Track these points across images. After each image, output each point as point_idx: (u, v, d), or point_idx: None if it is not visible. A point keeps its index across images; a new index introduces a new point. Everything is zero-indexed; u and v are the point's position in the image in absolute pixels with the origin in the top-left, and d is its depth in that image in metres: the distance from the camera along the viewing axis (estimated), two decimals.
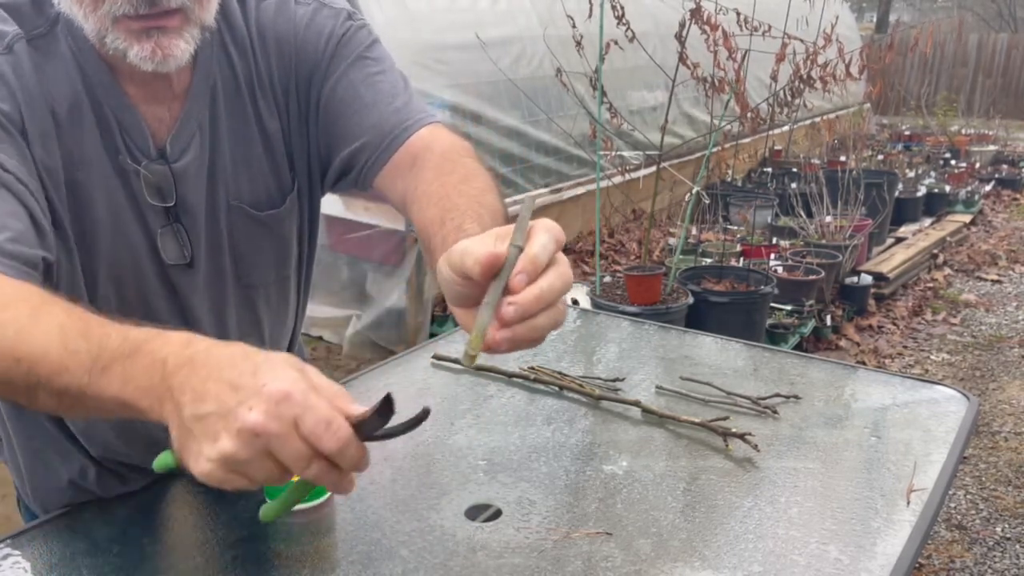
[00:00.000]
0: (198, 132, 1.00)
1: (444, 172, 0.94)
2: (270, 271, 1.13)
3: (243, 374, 0.63)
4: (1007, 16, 19.19)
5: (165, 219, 1.00)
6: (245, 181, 1.05)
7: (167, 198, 0.98)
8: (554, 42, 4.36)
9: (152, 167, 0.96)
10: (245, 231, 1.07)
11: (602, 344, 1.79)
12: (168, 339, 0.68)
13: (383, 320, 3.97)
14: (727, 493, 1.17)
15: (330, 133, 1.06)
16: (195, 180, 1.00)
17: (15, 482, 1.28)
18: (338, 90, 1.04)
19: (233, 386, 0.62)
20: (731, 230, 5.05)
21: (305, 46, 1.04)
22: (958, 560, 2.59)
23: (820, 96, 5.33)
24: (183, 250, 1.01)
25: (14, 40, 0.86)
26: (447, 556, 1.03)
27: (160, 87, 0.95)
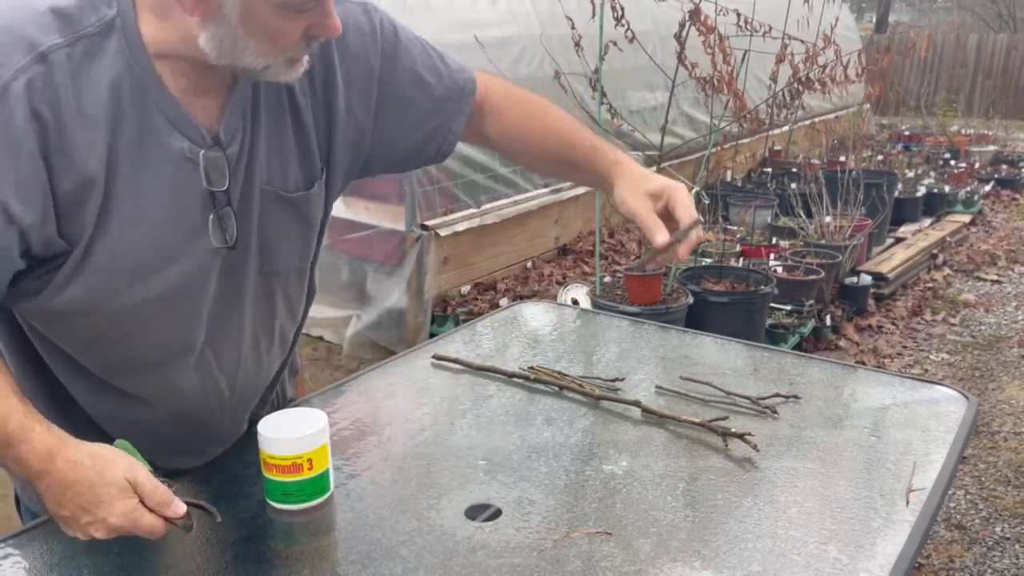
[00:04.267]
0: (243, 119, 1.04)
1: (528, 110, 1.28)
2: (293, 259, 1.17)
3: (90, 504, 0.92)
4: (1007, 16, 19.19)
5: (217, 204, 1.04)
6: (277, 166, 1.09)
7: (220, 183, 1.03)
8: (554, 42, 4.36)
9: (209, 155, 1.00)
10: (274, 215, 1.11)
11: (602, 344, 1.79)
12: (33, 446, 0.91)
13: (383, 320, 3.98)
14: (727, 493, 1.17)
15: (388, 126, 1.16)
16: (237, 166, 1.05)
17: (15, 485, 1.28)
18: (387, 88, 1.14)
19: (84, 510, 0.93)
20: (731, 230, 5.05)
21: (345, 40, 1.09)
22: (958, 560, 2.59)
23: (820, 97, 5.34)
24: (226, 234, 1.06)
25: (50, 50, 0.88)
26: (447, 556, 1.03)
27: (209, 80, 0.99)
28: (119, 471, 0.94)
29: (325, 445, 1.13)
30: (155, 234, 1.00)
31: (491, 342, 1.77)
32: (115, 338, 1.06)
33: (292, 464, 1.10)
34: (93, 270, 0.97)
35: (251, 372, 1.23)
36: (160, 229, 1.00)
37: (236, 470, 1.24)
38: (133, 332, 1.06)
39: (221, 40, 0.93)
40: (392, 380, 1.58)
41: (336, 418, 1.39)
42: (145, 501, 0.95)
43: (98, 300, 1.00)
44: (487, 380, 1.56)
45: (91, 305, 1.00)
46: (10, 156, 0.87)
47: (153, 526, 0.95)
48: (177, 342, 1.11)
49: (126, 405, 1.14)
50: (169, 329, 1.09)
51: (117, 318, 1.03)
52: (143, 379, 1.12)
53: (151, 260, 1.01)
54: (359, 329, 4.01)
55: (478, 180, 4.36)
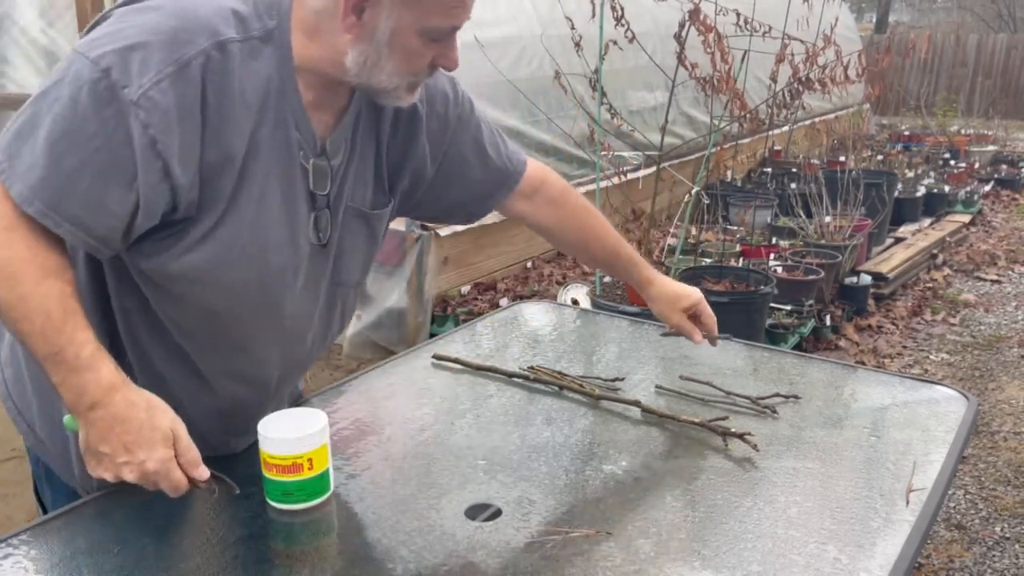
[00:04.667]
0: (346, 140, 1.18)
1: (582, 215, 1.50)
2: (356, 272, 1.29)
3: (133, 444, 1.00)
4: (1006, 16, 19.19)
5: (317, 205, 1.17)
6: (360, 186, 1.23)
7: (323, 188, 1.17)
8: (554, 43, 4.35)
9: (317, 162, 1.14)
10: (352, 228, 1.24)
11: (602, 344, 1.79)
12: (99, 375, 0.99)
13: (383, 320, 3.97)
14: (726, 493, 1.17)
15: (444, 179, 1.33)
16: (335, 176, 1.18)
17: (49, 466, 1.26)
18: (453, 147, 1.32)
19: (127, 448, 1.00)
20: (731, 230, 5.05)
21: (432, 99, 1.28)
22: (957, 560, 2.59)
23: (820, 97, 5.34)
24: (320, 233, 1.19)
25: (228, 41, 1.02)
26: (447, 556, 1.03)
27: (330, 98, 1.14)
28: (167, 421, 1.02)
29: (325, 445, 1.13)
30: (271, 218, 1.11)
31: (491, 342, 1.77)
32: (210, 312, 1.14)
33: (292, 464, 1.11)
34: (216, 241, 1.07)
35: (296, 374, 1.35)
36: (276, 215, 1.12)
37: (236, 470, 1.24)
38: (226, 310, 1.14)
39: (366, 58, 1.06)
40: (392, 380, 1.59)
41: (336, 418, 1.39)
42: (179, 457, 1.02)
43: (211, 271, 1.09)
44: (487, 380, 1.56)
45: (203, 274, 1.09)
46: (179, 122, 0.98)
47: (180, 482, 1.02)
48: (256, 330, 1.19)
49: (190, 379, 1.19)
50: (254, 315, 1.17)
51: (218, 292, 1.12)
52: (216, 356, 1.19)
53: (263, 241, 1.11)
54: (359, 329, 4.01)
55: None
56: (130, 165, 0.97)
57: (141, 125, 0.96)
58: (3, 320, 1.00)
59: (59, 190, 0.96)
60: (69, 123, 0.95)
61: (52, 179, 0.96)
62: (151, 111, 0.96)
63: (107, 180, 0.97)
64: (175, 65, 0.97)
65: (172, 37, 0.98)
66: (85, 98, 0.95)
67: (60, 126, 0.95)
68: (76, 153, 0.96)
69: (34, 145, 0.96)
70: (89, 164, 0.96)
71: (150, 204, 1.00)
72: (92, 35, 1.00)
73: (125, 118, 0.95)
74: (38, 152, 0.96)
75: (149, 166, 0.97)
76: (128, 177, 0.98)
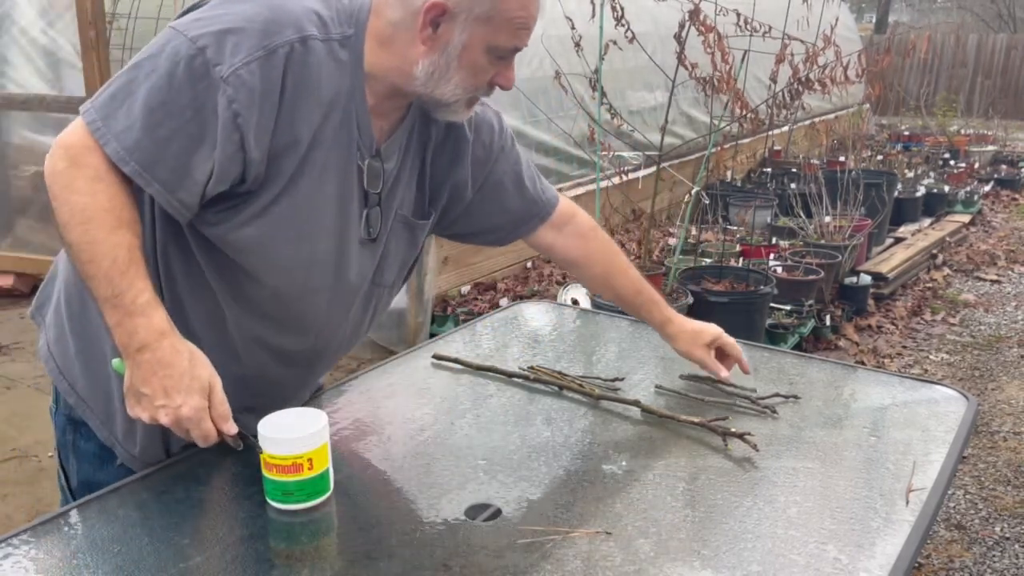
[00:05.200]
0: (399, 147, 1.27)
1: (608, 250, 1.54)
2: (393, 275, 1.37)
3: (172, 389, 1.08)
4: (1006, 17, 19.19)
5: (369, 203, 1.25)
6: (408, 196, 1.32)
7: (375, 187, 1.25)
8: (553, 43, 4.35)
9: (372, 162, 1.23)
10: (396, 233, 1.32)
11: (602, 344, 1.79)
12: (152, 320, 1.08)
13: (383, 320, 3.95)
14: (726, 493, 1.17)
15: (480, 203, 1.41)
16: (387, 179, 1.26)
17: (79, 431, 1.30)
18: (493, 174, 1.40)
19: (166, 392, 1.08)
20: (730, 230, 5.05)
21: (479, 127, 1.36)
22: (957, 560, 2.59)
23: (820, 97, 5.34)
24: (370, 230, 1.27)
25: (310, 38, 1.11)
26: (447, 556, 1.03)
27: (390, 107, 1.22)
28: (207, 372, 1.11)
29: (325, 445, 1.14)
30: (325, 206, 1.20)
31: (491, 342, 1.78)
32: (258, 282, 1.22)
33: (292, 464, 1.11)
34: (272, 217, 1.16)
35: (322, 363, 1.40)
36: (330, 204, 1.20)
37: (236, 470, 1.24)
38: (273, 283, 1.22)
39: (435, 69, 1.14)
40: (392, 380, 1.59)
41: (336, 418, 1.39)
42: (212, 409, 1.11)
43: (265, 244, 1.17)
44: (487, 380, 1.56)
45: (257, 247, 1.17)
46: (259, 102, 1.08)
47: (210, 432, 1.11)
48: (297, 308, 1.26)
49: (222, 343, 1.25)
50: (298, 294, 1.25)
51: (268, 267, 1.20)
52: (253, 324, 1.26)
53: (314, 225, 1.20)
54: None
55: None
56: (213, 135, 1.07)
57: (227, 100, 1.06)
58: (73, 259, 1.09)
59: (152, 153, 1.06)
60: (166, 94, 1.05)
61: (147, 143, 1.06)
62: (238, 88, 1.06)
63: (194, 147, 1.07)
64: (264, 51, 1.07)
65: (264, 27, 1.08)
66: (182, 72, 1.05)
67: (157, 96, 1.05)
68: (170, 122, 1.06)
69: (130, 109, 1.06)
70: (180, 132, 1.07)
71: (223, 172, 1.10)
72: (190, 16, 1.10)
73: (214, 93, 1.05)
74: (135, 116, 1.05)
75: (228, 138, 1.07)
76: (211, 146, 1.07)
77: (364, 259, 1.29)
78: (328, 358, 1.41)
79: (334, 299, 1.28)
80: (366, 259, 1.29)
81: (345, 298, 1.30)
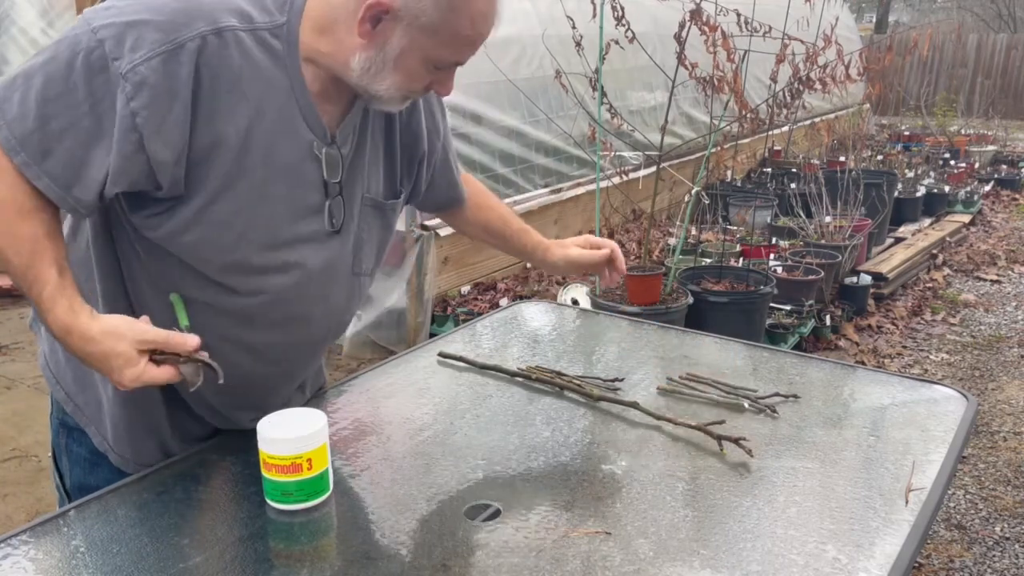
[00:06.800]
0: (354, 130, 1.22)
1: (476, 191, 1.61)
2: (371, 261, 1.34)
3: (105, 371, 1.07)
4: (1006, 17, 19.19)
5: (330, 193, 1.21)
6: (374, 177, 1.29)
7: (335, 176, 1.21)
8: (554, 42, 4.35)
9: (329, 151, 1.18)
10: (367, 219, 1.29)
11: (602, 344, 1.79)
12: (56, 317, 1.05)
13: (383, 320, 3.97)
14: (726, 493, 1.17)
15: (431, 179, 1.44)
16: (345, 165, 1.22)
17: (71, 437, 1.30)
18: (439, 155, 1.43)
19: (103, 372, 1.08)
20: (731, 230, 5.05)
21: (431, 107, 1.37)
22: (957, 560, 2.59)
23: (820, 97, 5.34)
24: (333, 220, 1.23)
25: (227, 28, 1.06)
26: (447, 556, 1.03)
27: (335, 91, 1.16)
28: (126, 344, 1.06)
29: (324, 445, 1.14)
30: (274, 205, 1.15)
31: (491, 342, 1.78)
32: (215, 284, 1.18)
33: (292, 464, 1.11)
34: (210, 224, 1.11)
35: (308, 356, 1.36)
36: (280, 202, 1.16)
37: (236, 470, 1.24)
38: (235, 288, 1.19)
39: (371, 65, 1.10)
40: (392, 380, 1.59)
41: (336, 418, 1.39)
42: (163, 349, 1.08)
43: (210, 250, 1.13)
44: (487, 380, 1.56)
45: (201, 253, 1.14)
46: (166, 101, 1.03)
47: (158, 378, 1.09)
48: (263, 308, 1.22)
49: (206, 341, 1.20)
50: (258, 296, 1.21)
51: (223, 271, 1.17)
52: (220, 324, 1.21)
53: (263, 227, 1.15)
54: (359, 329, 4.01)
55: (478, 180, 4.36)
56: (111, 133, 1.03)
57: (125, 98, 1.01)
58: None
59: (43, 146, 1.02)
60: (61, 84, 1.01)
61: (38, 135, 1.02)
62: (137, 86, 1.01)
63: (90, 143, 1.03)
64: (169, 45, 1.02)
65: (171, 18, 1.03)
66: (80, 65, 1.01)
67: (53, 87, 1.01)
68: (64, 115, 1.02)
69: (26, 97, 1.02)
70: (75, 127, 1.02)
71: (122, 172, 1.05)
72: (104, 3, 1.06)
73: (113, 88, 1.01)
74: (29, 106, 1.01)
75: (125, 137, 1.03)
76: (107, 144, 1.03)
77: (334, 252, 1.25)
78: (312, 350, 1.36)
79: (300, 296, 1.23)
80: (336, 252, 1.25)
81: (314, 292, 1.25)
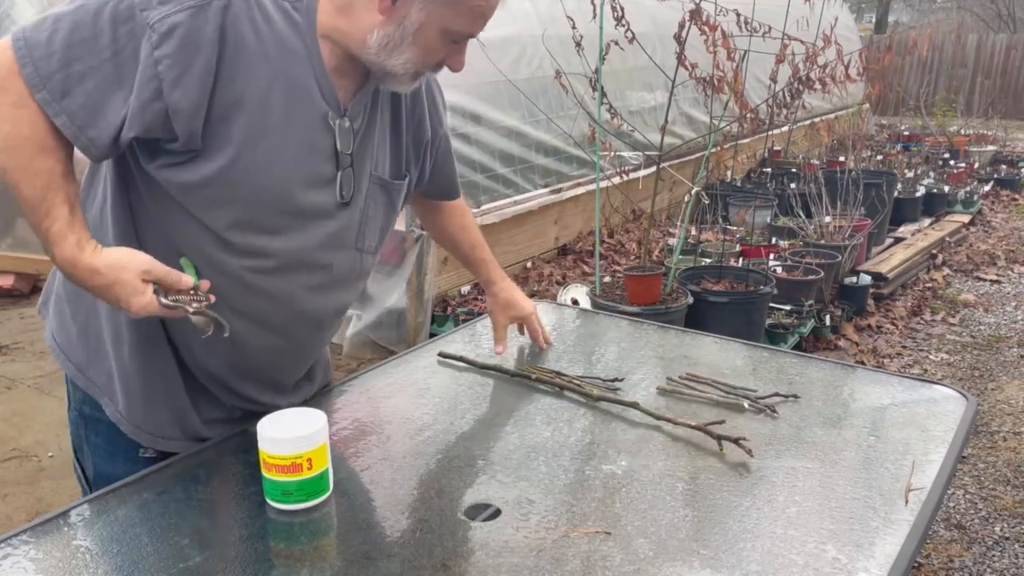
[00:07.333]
0: (365, 106, 1.26)
1: (456, 210, 1.64)
2: (375, 238, 1.36)
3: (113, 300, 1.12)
4: (1006, 17, 19.19)
5: (341, 164, 1.25)
6: (382, 155, 1.32)
7: (347, 147, 1.25)
8: (554, 43, 4.35)
9: (341, 123, 1.23)
10: (373, 196, 1.32)
11: (602, 344, 1.79)
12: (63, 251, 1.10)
13: (383, 320, 3.97)
14: (726, 493, 1.17)
15: (433, 166, 1.47)
16: (357, 139, 1.26)
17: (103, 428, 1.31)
18: (442, 144, 1.47)
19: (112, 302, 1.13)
20: (730, 230, 5.05)
21: (433, 96, 1.42)
22: (957, 560, 2.59)
23: (819, 97, 5.34)
24: (344, 191, 1.26)
25: None
26: (447, 556, 1.03)
27: (349, 67, 1.21)
28: (129, 274, 1.11)
29: (325, 445, 1.14)
30: (290, 169, 1.19)
31: (491, 342, 1.77)
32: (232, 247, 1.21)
33: (292, 464, 1.11)
34: (229, 181, 1.16)
35: (314, 332, 1.37)
36: (296, 166, 1.20)
37: (236, 470, 1.24)
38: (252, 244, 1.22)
39: (389, 41, 1.15)
40: (392, 380, 1.59)
41: (336, 418, 1.39)
42: (162, 284, 1.13)
43: (221, 208, 1.18)
44: (487, 380, 1.56)
45: (215, 210, 1.18)
46: (190, 53, 1.07)
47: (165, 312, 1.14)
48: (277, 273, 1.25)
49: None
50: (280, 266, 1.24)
51: (236, 227, 1.20)
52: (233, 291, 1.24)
53: (279, 189, 1.19)
54: (359, 329, 4.01)
55: (478, 180, 4.36)
56: (131, 80, 1.07)
57: (151, 46, 1.06)
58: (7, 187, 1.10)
59: (65, 85, 1.06)
60: (88, 30, 1.06)
61: (62, 74, 1.06)
62: (164, 35, 1.06)
63: (108, 88, 1.08)
64: (197, 1, 1.07)
65: None
66: (108, 12, 1.06)
67: (80, 31, 1.06)
68: (88, 58, 1.07)
69: (53, 38, 1.06)
70: (97, 71, 1.07)
71: (138, 119, 1.09)
72: None
73: (138, 38, 1.06)
74: (56, 46, 1.06)
75: (146, 84, 1.07)
76: (128, 90, 1.08)
77: (342, 224, 1.28)
78: (313, 326, 1.36)
79: (304, 263, 1.26)
80: (344, 224, 1.29)
81: (318, 260, 1.28)
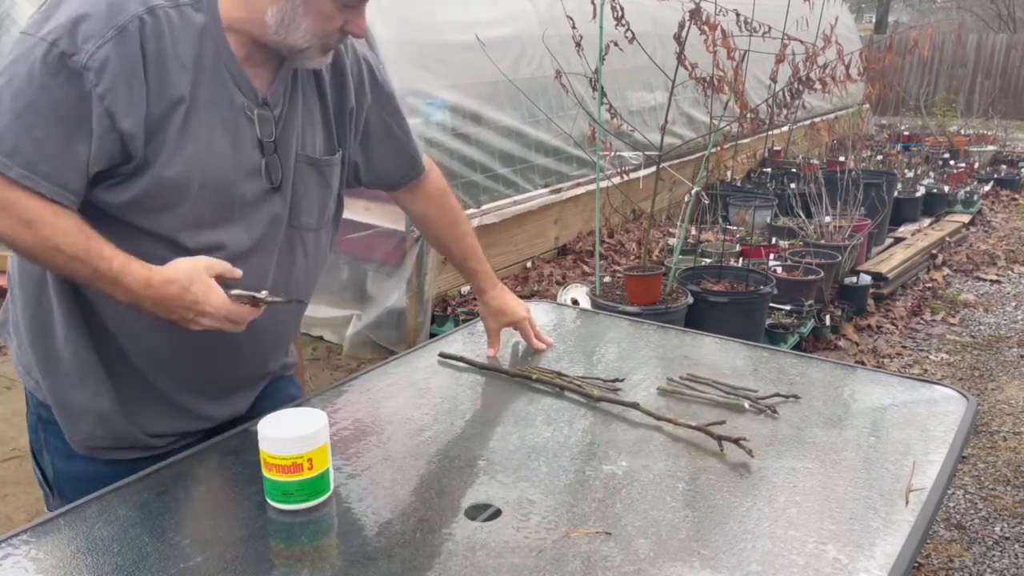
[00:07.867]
0: (284, 91, 1.30)
1: (451, 220, 1.66)
2: (312, 216, 1.39)
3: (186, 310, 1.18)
4: (1006, 17, 19.19)
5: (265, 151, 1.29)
6: (308, 135, 1.36)
7: (269, 135, 1.29)
8: (554, 42, 4.35)
9: (261, 112, 1.27)
10: (302, 175, 1.35)
11: (602, 344, 1.79)
12: (134, 276, 1.15)
13: (383, 320, 3.97)
14: (726, 493, 1.17)
15: (366, 147, 1.48)
16: (279, 125, 1.30)
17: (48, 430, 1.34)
18: (369, 124, 1.47)
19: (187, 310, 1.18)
20: (730, 230, 5.05)
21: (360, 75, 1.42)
22: (957, 560, 2.59)
23: (819, 97, 5.34)
24: (272, 176, 1.30)
25: (157, 7, 1.15)
26: (447, 556, 1.03)
27: (261, 55, 1.25)
28: (201, 272, 1.19)
29: (325, 445, 1.14)
30: (222, 163, 1.24)
31: None
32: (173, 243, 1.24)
33: (292, 464, 1.11)
34: (168, 186, 1.19)
35: (266, 318, 1.35)
36: (227, 160, 1.24)
37: (236, 470, 1.24)
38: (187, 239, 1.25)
39: (284, 16, 1.19)
40: (392, 380, 1.59)
41: (336, 418, 1.39)
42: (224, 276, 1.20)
43: (166, 215, 1.21)
44: (487, 380, 1.56)
45: (160, 218, 1.21)
46: (123, 79, 1.12)
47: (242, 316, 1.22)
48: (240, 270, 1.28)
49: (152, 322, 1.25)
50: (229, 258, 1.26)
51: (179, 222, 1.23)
52: None
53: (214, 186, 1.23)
54: (359, 329, 4.01)
55: (478, 180, 4.36)
56: (87, 121, 1.12)
57: (91, 84, 1.10)
58: (41, 262, 1.16)
59: (33, 154, 1.10)
60: (30, 95, 1.09)
61: (25, 146, 1.10)
62: (98, 71, 1.10)
63: (71, 138, 1.12)
64: (114, 30, 1.12)
65: (108, 7, 1.12)
66: (39, 70, 1.09)
67: (22, 99, 1.09)
68: (43, 121, 1.10)
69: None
70: (55, 127, 1.11)
71: (99, 152, 1.14)
72: (36, 18, 1.14)
73: (78, 80, 1.10)
74: (5, 123, 1.09)
75: (100, 119, 1.12)
76: (86, 132, 1.12)
77: (274, 207, 1.32)
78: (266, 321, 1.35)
79: (252, 252, 1.30)
80: (275, 207, 1.32)
81: (263, 247, 1.32)
